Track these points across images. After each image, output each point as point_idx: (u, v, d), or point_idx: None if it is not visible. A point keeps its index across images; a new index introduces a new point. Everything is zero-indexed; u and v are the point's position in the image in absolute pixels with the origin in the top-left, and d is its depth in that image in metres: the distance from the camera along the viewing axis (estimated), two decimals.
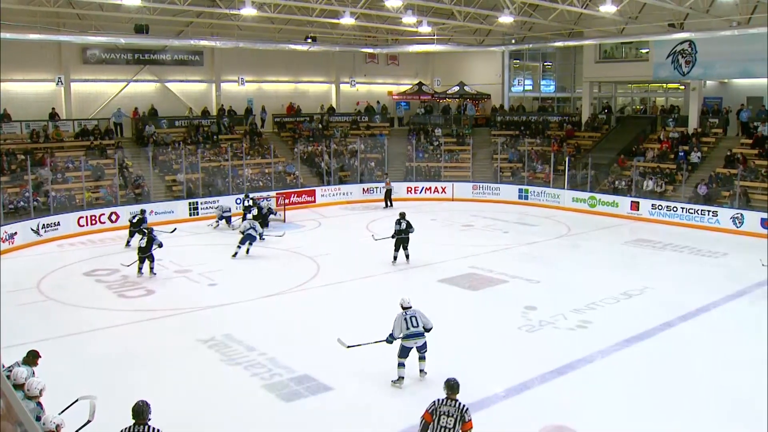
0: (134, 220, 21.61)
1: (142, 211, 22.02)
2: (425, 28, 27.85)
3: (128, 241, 21.51)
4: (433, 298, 15.85)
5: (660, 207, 26.07)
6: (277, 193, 27.46)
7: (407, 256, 18.96)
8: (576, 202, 28.72)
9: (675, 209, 25.59)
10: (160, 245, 17.76)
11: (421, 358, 11.05)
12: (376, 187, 31.27)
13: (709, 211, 24.65)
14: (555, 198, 29.57)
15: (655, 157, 29.54)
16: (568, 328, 13.58)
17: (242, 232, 20.12)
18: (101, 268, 18.63)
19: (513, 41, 33.77)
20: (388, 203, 29.30)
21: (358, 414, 10.09)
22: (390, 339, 10.90)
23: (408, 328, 10.72)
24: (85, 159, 26.37)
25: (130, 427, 6.96)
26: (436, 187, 31.94)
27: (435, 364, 11.78)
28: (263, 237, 21.49)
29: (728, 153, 27.37)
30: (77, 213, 23.86)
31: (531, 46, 34.71)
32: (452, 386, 7.59)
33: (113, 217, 24.43)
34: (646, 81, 34.37)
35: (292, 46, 31.44)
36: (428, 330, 10.89)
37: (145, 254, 17.66)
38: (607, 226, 25.14)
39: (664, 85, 34.83)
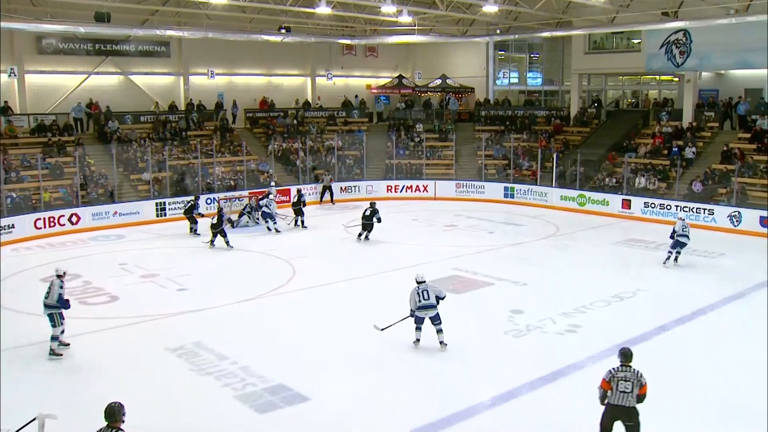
0: (187, 206, 23.99)
1: (196, 197, 24.48)
2: (405, 18, 27.86)
3: (193, 229, 23.66)
4: None
5: (653, 205, 26.30)
6: (249, 192, 27.36)
7: (367, 237, 22.30)
8: (564, 201, 28.90)
9: (669, 207, 25.81)
10: (230, 220, 21.52)
11: (439, 331, 12.65)
12: (355, 186, 31.30)
13: (704, 209, 24.88)
14: (542, 196, 29.72)
15: (648, 152, 29.79)
16: (557, 333, 13.65)
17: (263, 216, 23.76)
18: None
19: (498, 32, 33.88)
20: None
21: (336, 425, 10.05)
22: (412, 312, 12.75)
23: (420, 301, 12.56)
24: (43, 157, 26.10)
25: (101, 429, 6.91)
26: (417, 186, 31.99)
27: (417, 371, 11.83)
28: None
29: (725, 148, 27.63)
30: (34, 215, 23.62)
31: (517, 36, 34.87)
32: (626, 355, 8.63)
33: (74, 219, 24.20)
34: (638, 73, 34.65)
35: (265, 37, 31.33)
36: (441, 299, 12.74)
37: (217, 230, 21.03)
38: (598, 226, 25.31)
39: (657, 77, 35.16)
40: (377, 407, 10.53)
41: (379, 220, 22.26)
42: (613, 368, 8.59)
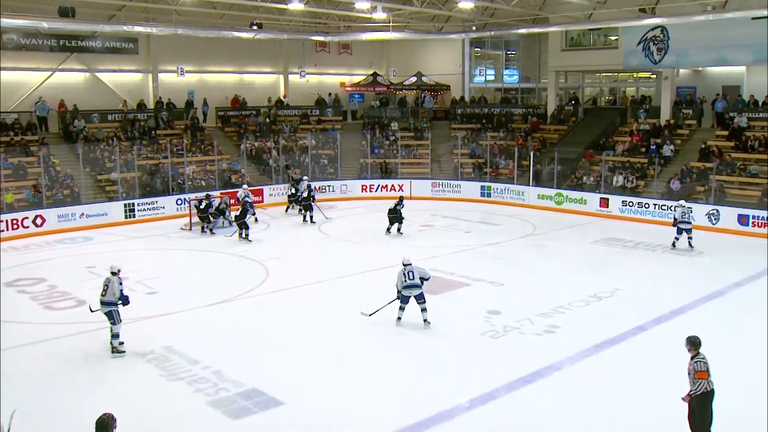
0: (201, 206, 24.07)
1: (207, 196, 24.51)
2: (380, 15, 27.98)
3: (206, 228, 23.94)
4: (391, 303, 15.93)
5: (631, 204, 26.56)
6: (221, 193, 27.21)
7: (398, 230, 23.36)
8: (542, 200, 29.09)
9: (647, 206, 26.10)
10: (254, 214, 22.86)
11: (423, 310, 14.04)
12: (329, 186, 31.26)
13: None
14: (519, 195, 29.90)
15: (626, 150, 30.06)
16: (535, 334, 13.73)
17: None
18: (25, 278, 18.21)
19: (474, 28, 34.07)
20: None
21: (311, 430, 10.04)
22: (398, 294, 14.11)
23: (405, 281, 13.95)
24: (5, 156, 25.80)
25: None
26: (392, 185, 31.97)
27: (394, 374, 11.86)
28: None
29: (703, 146, 27.97)
30: None
31: (493, 33, 35.02)
32: (695, 343, 9.50)
33: (38, 221, 23.90)
34: (615, 70, 35.01)
35: (236, 34, 31.21)
36: (426, 279, 14.17)
37: (239, 221, 22.17)
38: (575, 225, 25.52)
39: (635, 74, 35.55)
40: (353, 411, 10.52)
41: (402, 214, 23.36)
42: (702, 359, 9.31)
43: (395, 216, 23.32)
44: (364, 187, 31.89)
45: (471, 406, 10.62)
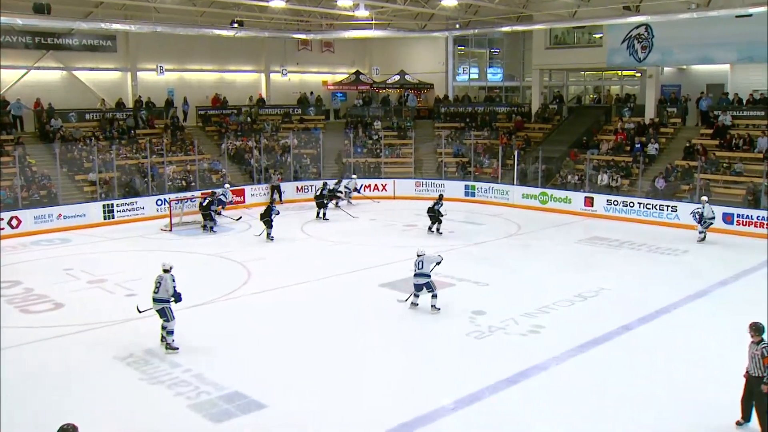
0: (204, 203, 24.48)
1: (213, 193, 25.05)
2: (362, 12, 27.90)
3: (208, 226, 24.38)
4: (374, 304, 15.95)
5: (615, 203, 26.72)
6: (202, 193, 27.11)
7: (438, 230, 23.69)
8: (526, 199, 29.20)
9: (631, 205, 26.27)
10: (278, 213, 22.92)
11: (433, 296, 15.17)
12: (312, 186, 31.19)
13: (667, 206, 25.37)
14: (504, 194, 29.99)
15: (610, 149, 30.26)
16: (520, 334, 13.78)
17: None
18: (1, 281, 18.05)
19: (457, 26, 34.12)
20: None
21: None
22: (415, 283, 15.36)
23: (415, 270, 15.23)
24: None
25: None
26: (376, 185, 32.02)
27: (378, 376, 11.85)
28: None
29: (687, 144, 28.22)
30: None
31: (477, 31, 35.10)
32: (759, 329, 9.77)
33: (14, 222, 23.67)
34: (599, 68, 35.21)
35: (217, 31, 31.05)
36: (438, 264, 15.40)
37: (263, 220, 22.49)
38: (560, 224, 25.64)
39: (619, 72, 35.80)
40: (336, 414, 10.50)
41: (442, 213, 23.61)
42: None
43: (434, 215, 23.47)
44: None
45: (456, 407, 10.63)
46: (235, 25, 30.56)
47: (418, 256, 15.31)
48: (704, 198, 22.36)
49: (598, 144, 30.93)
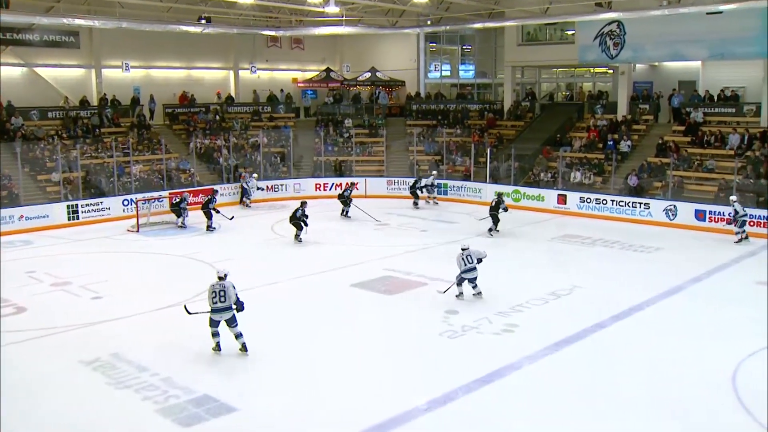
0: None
1: (214, 191, 25.89)
2: (332, 9, 27.80)
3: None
4: (345, 304, 15.97)
5: (588, 200, 26.96)
6: (170, 193, 26.92)
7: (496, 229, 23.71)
8: None
9: (604, 202, 26.52)
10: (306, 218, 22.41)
11: (474, 287, 15.83)
12: (282, 185, 31.13)
13: (640, 203, 25.67)
14: (476, 193, 30.12)
15: (583, 146, 30.52)
16: (493, 333, 13.84)
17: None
18: None
19: (428, 22, 34.16)
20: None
21: None
22: (459, 277, 15.75)
23: (465, 265, 15.56)
24: None
25: None
26: (347, 183, 31.85)
27: (349, 377, 11.84)
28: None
29: (660, 141, 28.54)
30: None
31: (448, 27, 35.26)
32: None
33: None
34: (571, 65, 35.44)
35: (184, 28, 30.78)
36: (479, 261, 15.73)
37: (291, 222, 22.19)
38: (533, 222, 25.79)
39: (591, 69, 36.06)
40: (308, 416, 10.47)
41: (506, 209, 23.74)
42: None
43: (495, 214, 23.47)
44: (318, 186, 31.78)
45: (429, 407, 10.65)
46: (203, 21, 30.25)
47: (463, 250, 15.70)
48: (733, 198, 22.27)
49: (570, 141, 31.18)
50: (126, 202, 26.53)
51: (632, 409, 10.60)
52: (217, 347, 12.82)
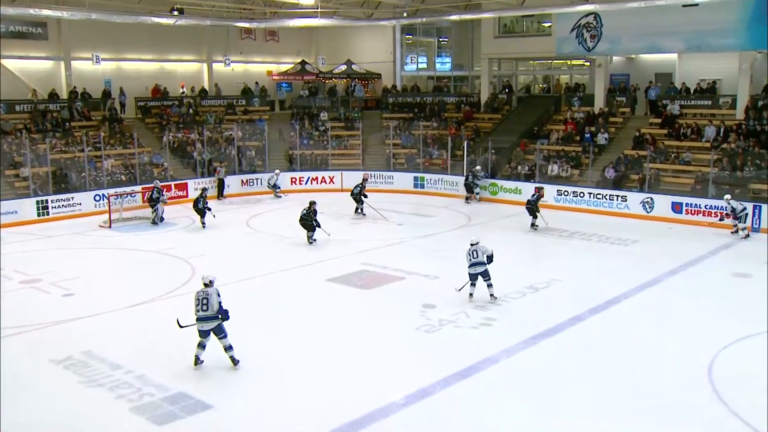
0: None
1: (204, 189, 25.02)
2: (307, 0, 27.72)
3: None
4: (322, 299, 15.98)
5: (566, 193, 27.12)
6: (143, 188, 26.72)
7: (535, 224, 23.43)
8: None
9: (582, 195, 26.71)
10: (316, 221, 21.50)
11: (489, 285, 15.39)
12: (257, 179, 31.00)
13: (617, 195, 25.87)
14: (453, 186, 30.19)
15: (560, 139, 30.68)
16: (471, 327, 13.91)
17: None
18: None
19: (405, 14, 34.10)
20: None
21: None
22: (468, 273, 15.42)
23: (471, 260, 15.28)
24: None
25: None
26: (323, 177, 31.99)
27: (325, 373, 11.84)
28: None
29: (637, 133, 28.77)
30: None
31: (425, 19, 35.25)
32: None
33: None
34: (548, 57, 35.61)
35: (156, 19, 30.41)
36: (489, 259, 15.27)
37: (302, 223, 21.32)
38: (510, 215, 25.83)
39: (569, 61, 36.28)
40: (284, 412, 10.47)
41: (536, 202, 23.64)
42: None
43: (531, 208, 23.40)
44: (294, 180, 31.72)
45: (407, 402, 10.68)
46: (175, 12, 29.97)
47: (472, 245, 15.45)
48: (727, 196, 22.29)
49: (548, 134, 31.33)
50: (98, 198, 26.29)
51: (610, 402, 10.70)
52: (197, 361, 12.07)
